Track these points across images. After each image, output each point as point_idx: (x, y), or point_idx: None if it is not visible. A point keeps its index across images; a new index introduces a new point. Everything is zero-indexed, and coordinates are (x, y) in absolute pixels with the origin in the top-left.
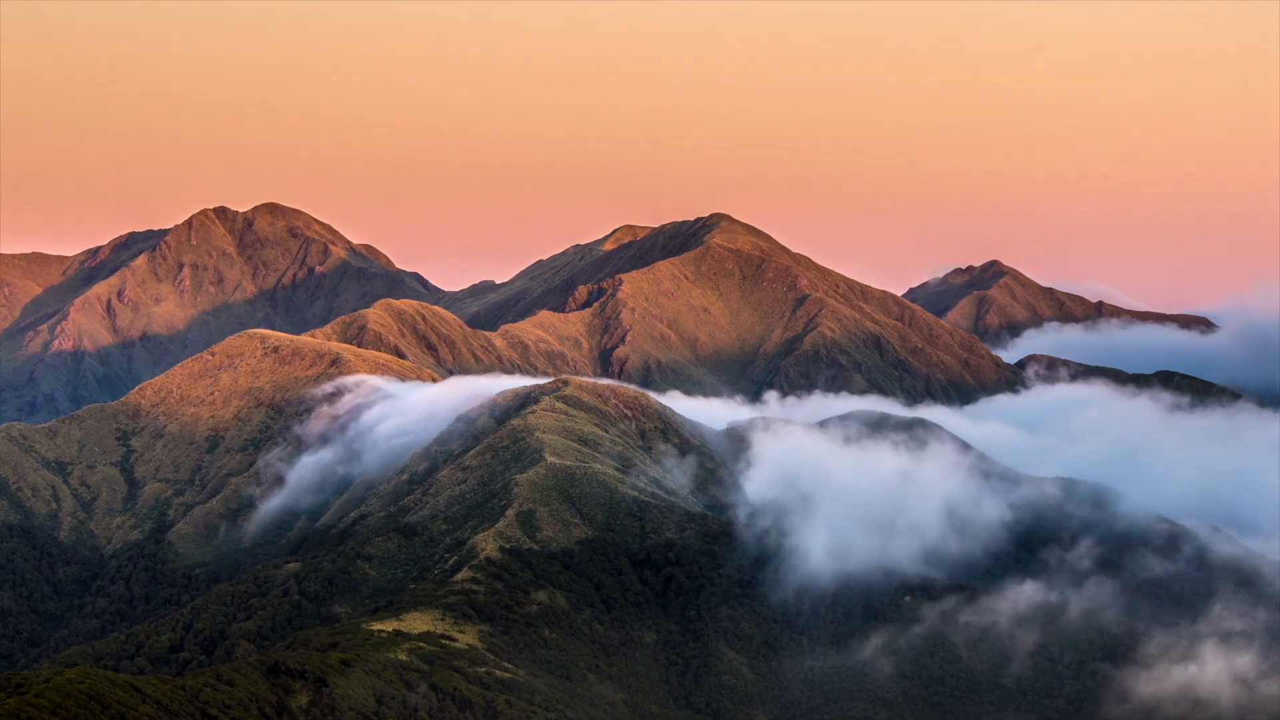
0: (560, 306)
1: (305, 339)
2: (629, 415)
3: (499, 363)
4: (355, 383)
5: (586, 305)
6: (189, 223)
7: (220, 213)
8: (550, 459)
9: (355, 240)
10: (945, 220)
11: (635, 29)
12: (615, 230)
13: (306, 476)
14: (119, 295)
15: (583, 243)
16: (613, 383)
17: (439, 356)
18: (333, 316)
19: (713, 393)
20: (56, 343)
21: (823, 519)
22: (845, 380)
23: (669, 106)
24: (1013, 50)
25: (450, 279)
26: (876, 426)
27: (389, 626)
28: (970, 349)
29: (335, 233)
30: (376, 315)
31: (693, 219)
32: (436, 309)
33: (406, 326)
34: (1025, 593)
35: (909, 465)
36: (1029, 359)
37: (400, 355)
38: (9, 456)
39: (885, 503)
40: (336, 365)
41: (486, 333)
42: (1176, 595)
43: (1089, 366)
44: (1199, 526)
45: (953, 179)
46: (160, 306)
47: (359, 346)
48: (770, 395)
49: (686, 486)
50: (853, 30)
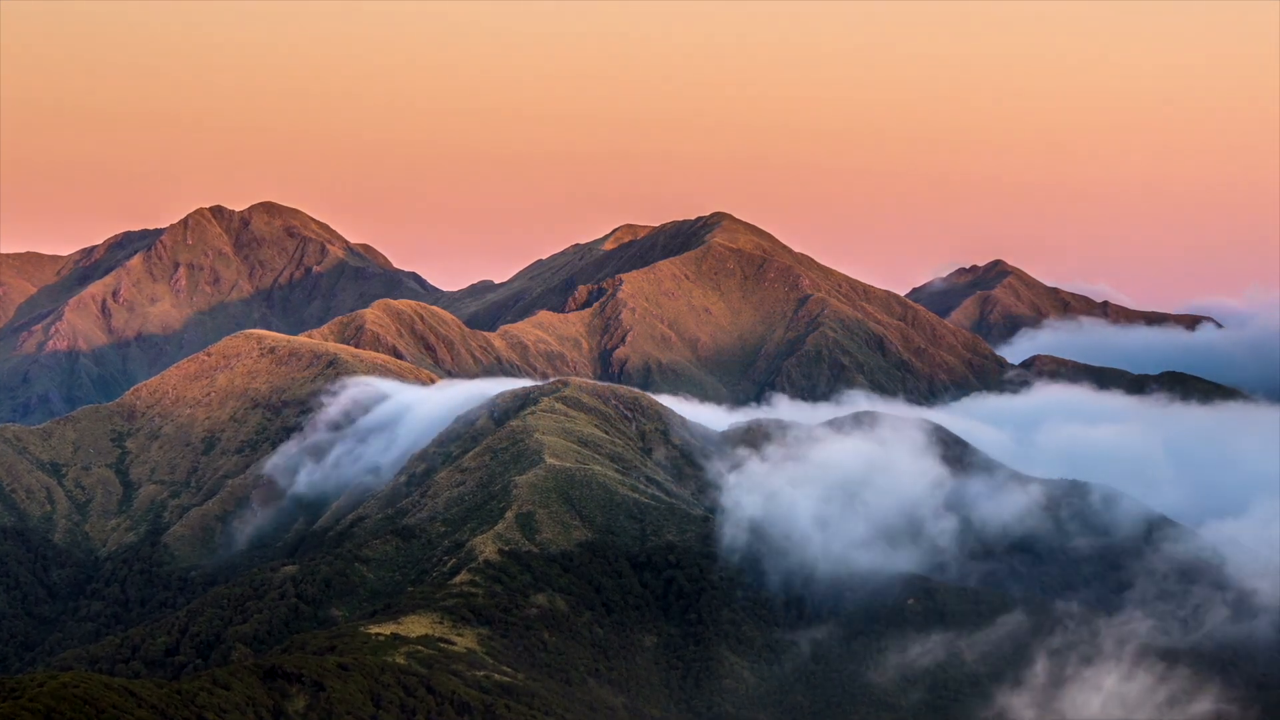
0: (560, 307)
1: (302, 339)
2: (629, 416)
3: (498, 363)
4: (353, 384)
5: (586, 305)
6: (184, 222)
7: (216, 212)
8: (550, 461)
9: (353, 239)
10: (948, 219)
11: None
12: (615, 229)
13: (303, 478)
14: (114, 295)
15: (582, 242)
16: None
17: (437, 357)
18: (330, 317)
19: (714, 393)
20: (51, 343)
21: (825, 521)
22: (848, 381)
23: (670, 104)
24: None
25: (449, 279)
26: (879, 428)
27: (387, 630)
28: (974, 349)
29: (332, 232)
30: (374, 315)
31: (694, 218)
32: (435, 309)
33: (404, 327)
34: (1028, 595)
35: (912, 467)
36: (1033, 359)
37: (398, 356)
38: (3, 458)
39: (888, 504)
40: (334, 366)
41: (485, 333)
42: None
43: (1094, 367)
44: (1205, 529)
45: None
46: (155, 306)
47: (356, 347)
48: (772, 396)
49: (687, 488)
50: (856, 28)
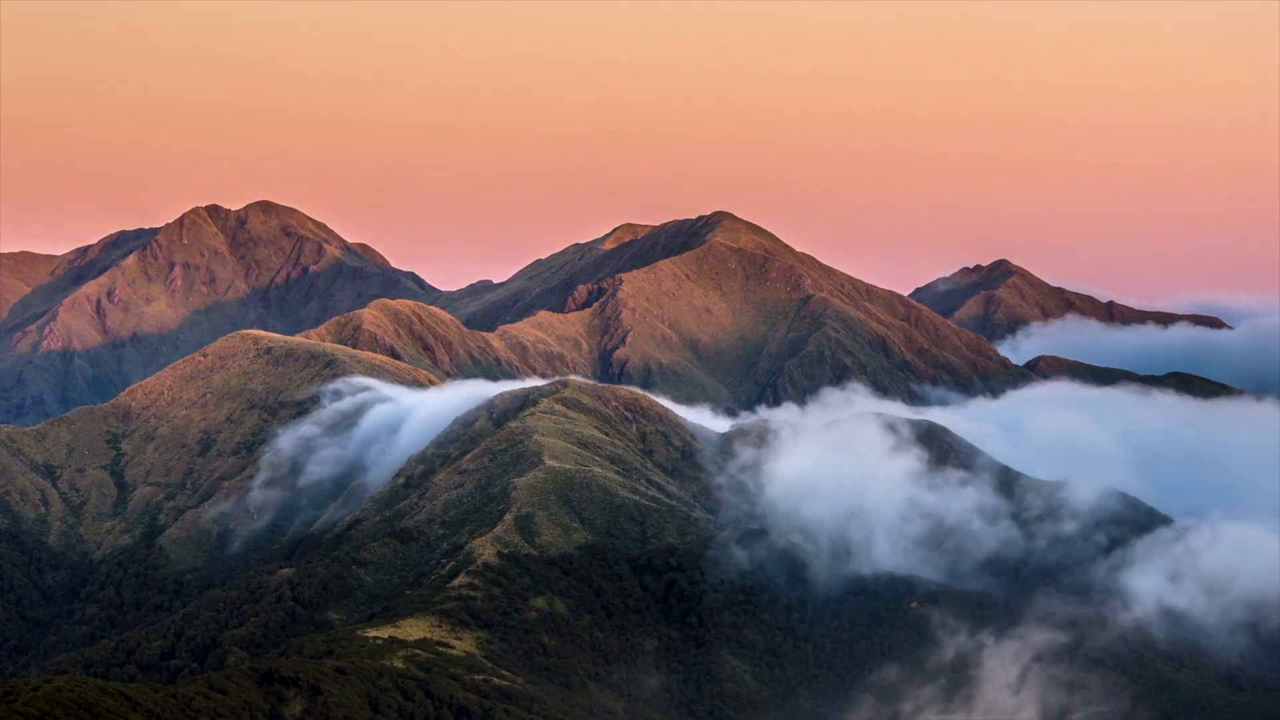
0: (559, 307)
1: (299, 340)
2: (629, 418)
3: (497, 364)
4: (350, 385)
5: (586, 305)
6: (180, 221)
7: (212, 211)
8: (549, 462)
9: (350, 239)
10: (952, 219)
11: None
12: (615, 229)
13: (300, 480)
14: (109, 295)
15: (582, 241)
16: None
17: (436, 358)
18: (327, 317)
19: (715, 394)
20: (45, 343)
21: (827, 523)
22: (850, 382)
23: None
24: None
25: (447, 278)
26: (882, 429)
27: (384, 633)
28: (978, 350)
29: (330, 231)
30: (372, 316)
31: (694, 217)
32: (433, 309)
33: (402, 327)
34: (1033, 599)
35: (916, 468)
36: (1037, 359)
37: (396, 356)
38: None
39: (891, 507)
40: (331, 367)
41: (484, 333)
42: None
43: (1098, 367)
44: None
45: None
46: (151, 306)
47: (354, 347)
48: (774, 397)
49: (688, 490)
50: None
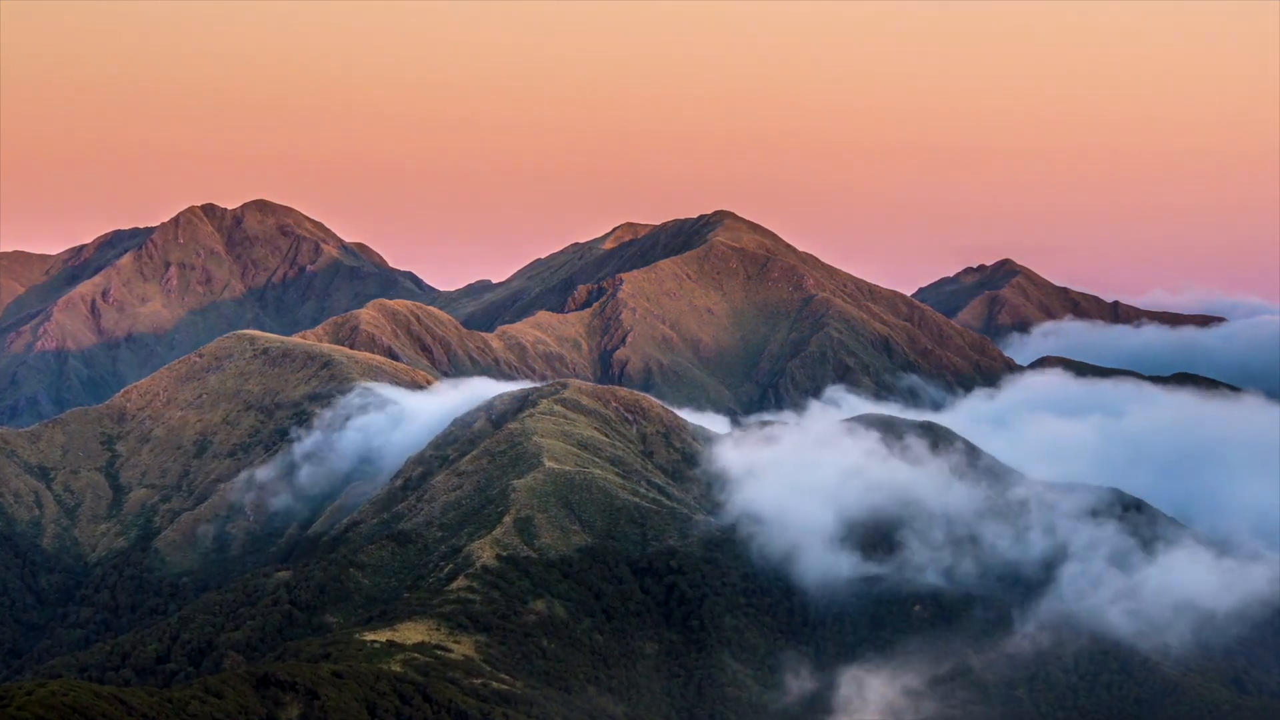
0: (559, 307)
1: (296, 340)
2: (630, 419)
3: (495, 365)
4: (347, 385)
5: (586, 305)
6: (176, 220)
7: (208, 210)
8: (549, 464)
9: (347, 238)
10: (955, 218)
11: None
12: (615, 228)
13: (297, 482)
14: (104, 295)
15: (582, 241)
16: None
17: (434, 358)
18: (324, 317)
19: (716, 395)
20: (39, 344)
21: (829, 526)
22: (853, 383)
23: (671, 100)
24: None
25: (445, 278)
26: (885, 430)
27: (382, 637)
28: (982, 350)
29: (327, 230)
30: (369, 316)
31: (695, 216)
32: (431, 309)
33: (400, 327)
34: (1036, 602)
35: (918, 471)
36: (1042, 360)
37: (394, 357)
38: None
39: (894, 509)
40: (328, 367)
41: (483, 334)
42: None
43: (1104, 368)
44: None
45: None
46: (146, 306)
47: (351, 348)
48: (775, 398)
49: (689, 492)
50: (862, 25)
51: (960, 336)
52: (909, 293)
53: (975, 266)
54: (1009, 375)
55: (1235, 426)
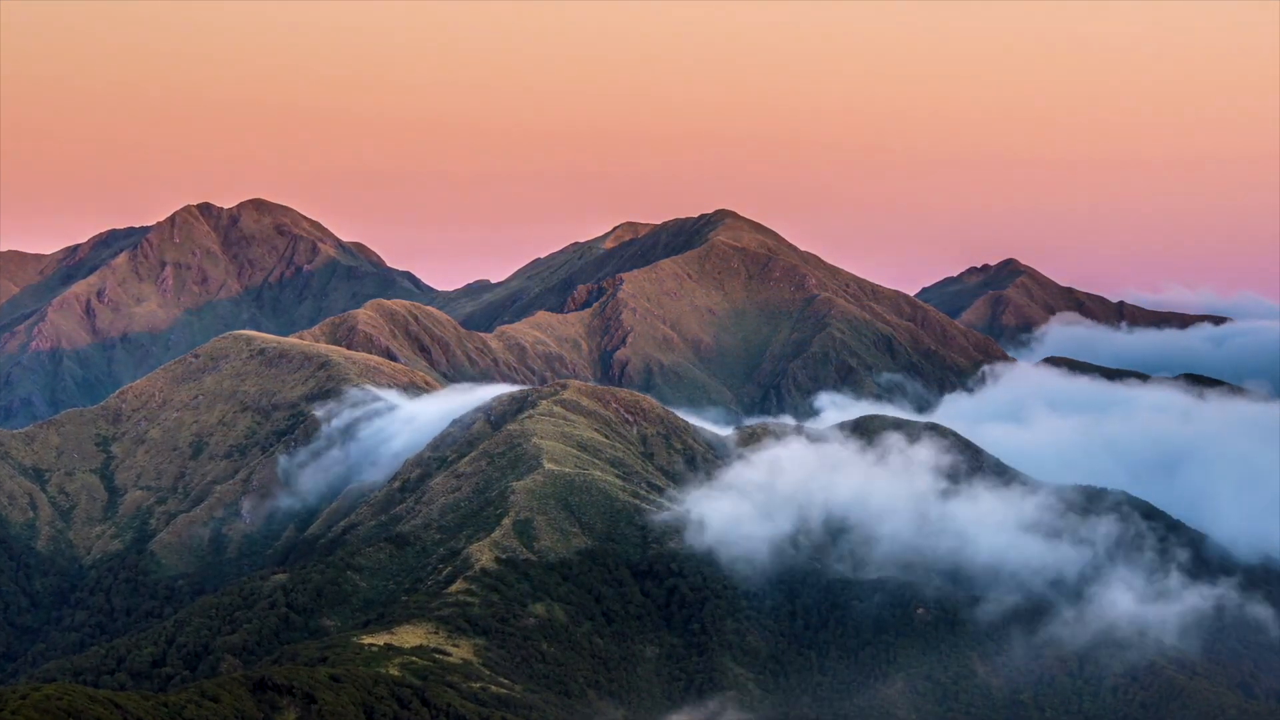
0: (559, 307)
1: (292, 340)
2: (630, 420)
3: (495, 365)
4: (345, 386)
5: (586, 305)
6: (172, 219)
7: (204, 209)
8: (548, 466)
9: (345, 238)
10: (959, 217)
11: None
12: (616, 228)
13: (294, 484)
14: (99, 295)
15: (582, 240)
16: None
17: (432, 359)
18: (321, 317)
19: (717, 396)
20: (34, 344)
21: (831, 528)
22: (855, 383)
23: (671, 99)
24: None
25: (444, 278)
26: (888, 431)
27: (380, 640)
28: (985, 350)
29: (324, 230)
30: (367, 316)
31: (696, 216)
32: (429, 309)
33: (398, 327)
34: (1038, 604)
35: (921, 472)
36: (1047, 360)
37: (392, 357)
38: None
39: (896, 511)
40: (325, 368)
41: (482, 334)
42: None
43: (1109, 368)
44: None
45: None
46: (141, 306)
47: (348, 348)
48: (777, 399)
49: (690, 494)
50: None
51: (964, 337)
52: (912, 293)
53: (979, 266)
54: (1013, 376)
55: (1238, 426)
